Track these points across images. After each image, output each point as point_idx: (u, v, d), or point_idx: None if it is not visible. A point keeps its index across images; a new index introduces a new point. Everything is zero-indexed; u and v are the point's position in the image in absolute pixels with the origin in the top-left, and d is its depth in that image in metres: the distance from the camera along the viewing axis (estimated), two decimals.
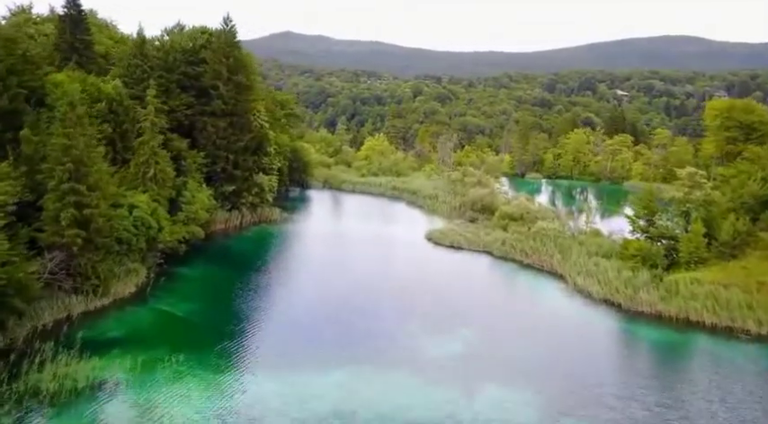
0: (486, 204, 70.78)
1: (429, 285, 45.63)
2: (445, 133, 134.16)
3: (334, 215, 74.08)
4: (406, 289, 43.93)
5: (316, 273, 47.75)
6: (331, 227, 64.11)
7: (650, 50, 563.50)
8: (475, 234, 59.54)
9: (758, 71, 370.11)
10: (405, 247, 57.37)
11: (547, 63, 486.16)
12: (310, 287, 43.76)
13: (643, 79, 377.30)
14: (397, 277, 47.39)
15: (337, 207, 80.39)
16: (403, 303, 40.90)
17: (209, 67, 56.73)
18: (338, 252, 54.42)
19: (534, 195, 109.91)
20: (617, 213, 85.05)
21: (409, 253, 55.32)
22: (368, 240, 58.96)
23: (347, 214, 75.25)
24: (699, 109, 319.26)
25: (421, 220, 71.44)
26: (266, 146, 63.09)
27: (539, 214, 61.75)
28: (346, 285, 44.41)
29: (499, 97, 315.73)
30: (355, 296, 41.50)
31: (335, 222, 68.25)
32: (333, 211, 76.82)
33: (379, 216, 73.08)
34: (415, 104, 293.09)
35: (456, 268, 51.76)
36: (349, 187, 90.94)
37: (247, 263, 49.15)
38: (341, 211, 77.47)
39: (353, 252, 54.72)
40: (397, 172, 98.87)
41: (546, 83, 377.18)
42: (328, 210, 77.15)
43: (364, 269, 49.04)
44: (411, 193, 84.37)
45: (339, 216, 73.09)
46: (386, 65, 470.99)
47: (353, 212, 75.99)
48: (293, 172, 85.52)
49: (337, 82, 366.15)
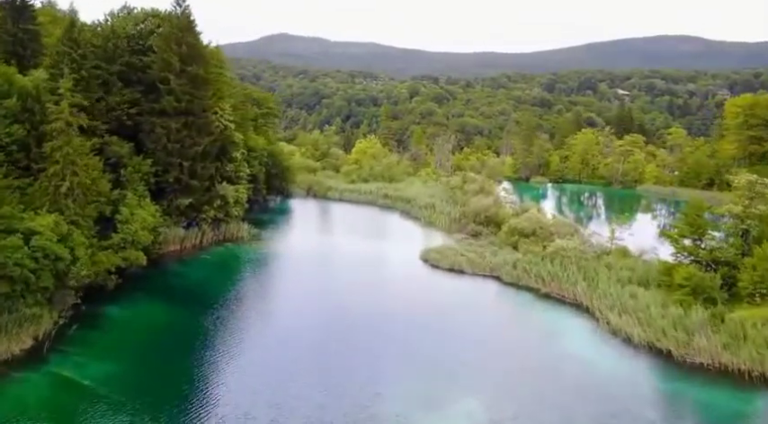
0: (490, 215, 61.22)
1: (425, 324, 35.91)
2: (443, 134, 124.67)
3: (316, 230, 63.92)
4: (397, 332, 34.31)
5: (286, 309, 38.15)
6: (310, 246, 54.28)
7: (648, 50, 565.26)
8: (479, 253, 49.90)
9: (760, 69, 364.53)
10: (397, 271, 47.71)
11: (544, 63, 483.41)
12: (278, 331, 34.15)
13: (644, 78, 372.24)
14: (385, 312, 37.77)
15: (320, 219, 70.62)
16: (392, 351, 31.33)
17: (158, 57, 47.03)
18: (316, 280, 44.70)
19: (540, 201, 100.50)
20: (637, 221, 76.11)
21: (402, 280, 45.67)
22: (353, 262, 49.29)
23: (331, 228, 65.44)
24: (703, 108, 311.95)
25: (416, 235, 61.84)
26: (231, 151, 53.41)
27: (554, 228, 52.12)
28: (323, 327, 34.71)
29: (497, 97, 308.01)
30: (332, 345, 31.83)
31: (316, 239, 58.22)
32: (314, 225, 66.74)
33: (368, 230, 63.38)
34: (411, 105, 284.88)
35: (458, 299, 42.01)
36: (335, 195, 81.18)
37: (200, 297, 39.42)
38: (324, 225, 67.58)
39: (334, 280, 45.02)
40: (390, 178, 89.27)
41: (545, 83, 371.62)
42: (309, 224, 67.04)
43: (347, 303, 39.30)
44: (405, 202, 74.72)
45: (321, 232, 63.09)
46: (382, 66, 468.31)
47: (338, 226, 66.35)
48: (272, 180, 75.81)
49: (332, 83, 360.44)
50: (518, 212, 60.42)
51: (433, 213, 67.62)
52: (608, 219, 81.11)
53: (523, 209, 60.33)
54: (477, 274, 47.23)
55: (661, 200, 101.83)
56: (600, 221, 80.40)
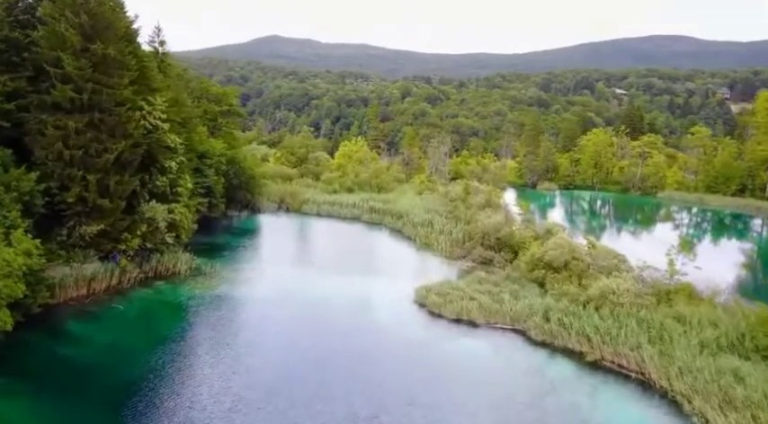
0: (503, 237, 48.29)
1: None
2: (437, 135, 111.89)
3: (281, 258, 49.02)
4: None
5: (225, 402, 24.88)
6: (269, 285, 40.87)
7: (641, 50, 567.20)
8: (494, 295, 36.91)
9: (758, 68, 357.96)
10: (383, 324, 34.47)
11: (538, 64, 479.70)
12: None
13: (641, 77, 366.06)
14: (368, 405, 24.67)
15: (289, 242, 56.70)
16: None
17: (48, 30, 33.74)
18: (271, 344, 31.37)
19: (549, 210, 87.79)
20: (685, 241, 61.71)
21: (391, 339, 32.40)
22: (324, 311, 36.00)
23: (301, 255, 51.25)
24: (704, 107, 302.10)
25: (409, 263, 48.85)
26: (162, 159, 40.16)
27: (592, 258, 39.16)
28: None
29: (493, 97, 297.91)
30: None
31: (279, 273, 44.26)
32: (280, 251, 52.10)
33: (349, 257, 50.00)
34: (403, 105, 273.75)
35: (471, 376, 28.75)
36: (312, 209, 67.80)
37: (103, 380, 26.07)
38: (293, 250, 53.22)
39: (297, 342, 31.74)
40: (379, 186, 76.25)
41: (541, 83, 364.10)
42: (274, 249, 52.77)
43: (312, 386, 26.09)
44: (396, 217, 61.64)
45: (287, 261, 48.44)
46: (374, 67, 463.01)
47: (311, 251, 52.81)
48: (234, 192, 62.71)
49: (322, 84, 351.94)
50: (539, 234, 47.49)
51: (431, 232, 54.62)
52: (641, 236, 68.66)
53: (547, 230, 47.38)
54: (493, 326, 34.28)
55: (690, 209, 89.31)
56: (634, 240, 67.59)
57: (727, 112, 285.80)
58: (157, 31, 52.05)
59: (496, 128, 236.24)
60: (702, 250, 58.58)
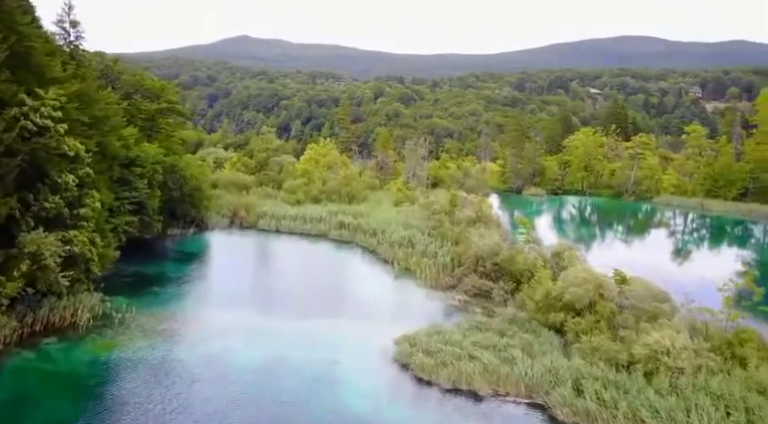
0: (502, 262, 39.05)
1: None
2: (412, 137, 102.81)
3: (224, 297, 37.82)
4: None
5: None
6: (202, 340, 30.41)
7: (612, 50, 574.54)
8: (501, 351, 27.57)
9: (728, 67, 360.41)
10: (353, 400, 24.61)
11: (511, 64, 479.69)
12: None
13: (614, 77, 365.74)
14: None
15: (237, 272, 45.38)
16: None
17: None
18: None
19: (534, 218, 79.15)
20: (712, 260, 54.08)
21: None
22: (273, 381, 26.00)
23: (249, 292, 39.64)
24: (679, 106, 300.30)
25: (386, 298, 39.17)
26: (53, 173, 29.77)
27: (628, 294, 29.95)
28: None
29: (467, 97, 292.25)
30: None
31: (218, 320, 33.41)
32: (224, 285, 40.84)
33: (310, 291, 39.86)
34: (376, 106, 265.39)
35: None
36: (271, 224, 57.52)
37: None
38: (240, 285, 41.06)
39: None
40: (350, 196, 66.48)
41: (515, 83, 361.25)
42: (217, 283, 41.87)
43: None
44: (369, 234, 51.90)
45: (231, 302, 37.42)
46: (346, 68, 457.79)
47: (263, 286, 41.77)
48: (175, 206, 52.32)
49: (292, 84, 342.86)
50: (546, 258, 38.34)
51: (411, 254, 45.06)
52: (648, 248, 60.14)
53: (555, 253, 38.27)
54: (503, 398, 24.95)
55: (692, 216, 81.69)
56: (642, 253, 58.83)
57: (702, 111, 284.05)
58: (67, 10, 41.44)
59: (471, 129, 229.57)
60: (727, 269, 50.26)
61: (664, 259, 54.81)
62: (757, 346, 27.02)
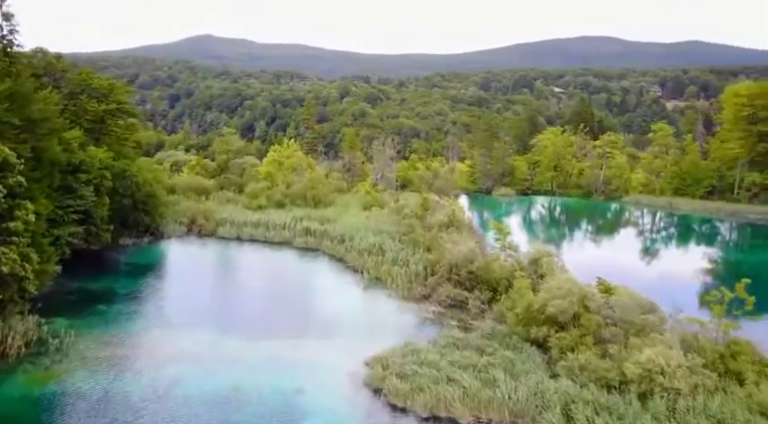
0: (477, 270, 36.90)
1: None
2: (379, 137, 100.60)
3: (177, 315, 34.53)
4: None
5: None
6: (151, 368, 27.16)
7: (573, 50, 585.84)
8: (481, 372, 25.30)
9: (686, 67, 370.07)
10: None
11: (475, 64, 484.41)
12: None
13: (577, 76, 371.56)
14: None
15: (194, 284, 41.43)
16: None
17: None
18: None
19: (505, 219, 77.86)
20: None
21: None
22: (229, 414, 23.23)
23: (205, 309, 36.08)
24: (640, 104, 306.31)
25: (355, 311, 36.47)
26: None
27: (614, 305, 27.99)
28: None
29: (433, 97, 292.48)
30: None
31: (170, 343, 29.87)
32: (178, 301, 37.71)
33: (272, 305, 36.89)
34: (342, 106, 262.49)
35: None
36: (232, 232, 54.17)
37: None
38: (195, 300, 37.75)
39: None
40: (316, 200, 63.60)
41: (480, 82, 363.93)
42: (170, 299, 38.34)
43: None
44: (337, 241, 49.15)
45: (185, 321, 33.35)
46: (311, 67, 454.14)
47: (221, 300, 38.04)
48: (127, 214, 48.65)
49: (256, 84, 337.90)
50: (523, 264, 36.33)
51: (382, 262, 42.55)
52: (619, 248, 58.97)
53: (533, 259, 36.30)
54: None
55: (660, 214, 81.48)
56: (613, 252, 58.07)
57: (663, 110, 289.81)
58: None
59: (438, 129, 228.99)
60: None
61: (632, 257, 54.33)
62: (751, 359, 25.43)
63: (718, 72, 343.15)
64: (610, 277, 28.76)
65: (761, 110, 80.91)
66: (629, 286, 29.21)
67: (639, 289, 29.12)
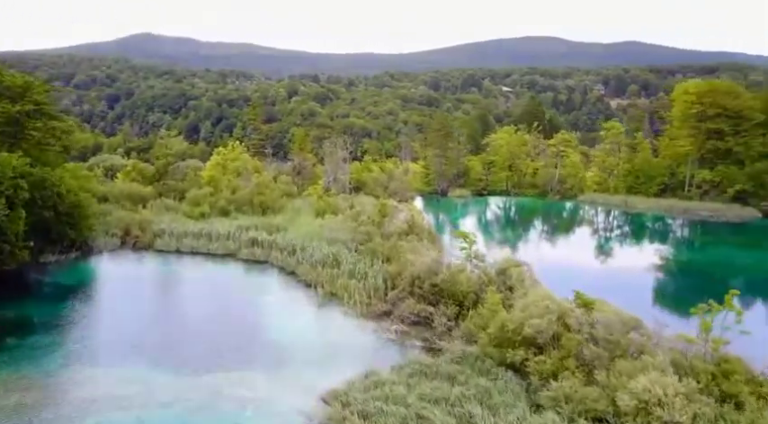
0: (442, 283, 33.89)
1: None
2: (331, 137, 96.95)
3: (101, 347, 29.90)
4: None
5: None
6: (65, 415, 22.88)
7: (517, 50, 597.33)
8: (454, 406, 22.21)
9: (626, 66, 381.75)
10: None
11: (423, 63, 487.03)
12: None
13: (524, 75, 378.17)
14: None
15: (126, 309, 35.40)
16: None
17: None
18: None
19: (460, 220, 75.91)
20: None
21: None
22: None
23: (135, 338, 30.84)
24: (585, 103, 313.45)
25: (308, 334, 32.66)
26: None
27: (594, 322, 25.44)
28: None
29: (383, 96, 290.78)
30: None
31: (89, 386, 25.38)
32: (103, 330, 32.85)
33: (214, 331, 32.60)
34: (290, 105, 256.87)
35: None
36: (171, 244, 49.37)
37: None
38: (127, 328, 32.43)
39: None
40: (264, 206, 59.36)
41: (429, 82, 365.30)
42: (94, 327, 33.33)
43: None
44: (288, 252, 45.22)
45: (112, 354, 28.17)
46: (259, 67, 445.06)
47: (154, 327, 32.85)
48: (50, 227, 43.30)
49: (201, 83, 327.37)
50: (491, 276, 33.55)
51: (338, 276, 39.01)
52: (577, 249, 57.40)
53: (501, 270, 33.59)
54: None
55: (614, 213, 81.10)
56: (570, 253, 56.70)
57: (608, 108, 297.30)
58: None
59: (389, 128, 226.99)
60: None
61: (586, 256, 54.24)
62: (744, 378, 23.32)
63: (657, 71, 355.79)
64: (565, 276, 26.77)
65: (709, 107, 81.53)
66: (584, 284, 27.49)
67: (593, 287, 27.43)
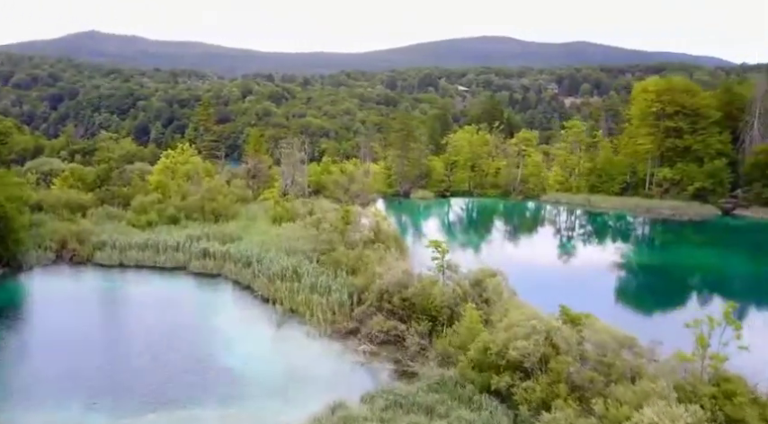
0: (413, 297, 31.17)
1: None
2: (287, 137, 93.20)
3: (30, 382, 25.69)
4: None
5: None
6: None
7: (474, 49, 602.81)
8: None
9: (578, 66, 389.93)
10: None
11: (380, 63, 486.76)
12: None
13: (479, 74, 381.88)
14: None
15: (58, 335, 31.06)
16: None
17: None
18: None
19: (423, 224, 73.78)
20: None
21: None
22: None
23: (72, 370, 26.95)
24: (540, 102, 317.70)
25: (266, 361, 29.23)
26: None
27: (584, 341, 23.17)
28: None
29: (340, 96, 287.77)
30: None
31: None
32: (33, 362, 28.82)
33: (161, 357, 28.89)
34: (245, 105, 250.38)
35: None
36: (113, 257, 44.95)
37: None
38: (58, 358, 28.45)
39: None
40: (216, 212, 55.35)
41: (386, 81, 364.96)
42: (23, 359, 29.24)
43: None
44: (243, 264, 41.62)
45: (39, 391, 24.56)
46: (211, 66, 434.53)
47: (93, 356, 28.62)
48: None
49: (150, 83, 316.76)
50: (466, 289, 31.01)
51: (299, 290, 35.74)
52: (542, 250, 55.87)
53: (476, 281, 31.11)
54: None
55: (577, 212, 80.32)
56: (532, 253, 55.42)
57: (562, 106, 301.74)
58: None
59: (347, 128, 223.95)
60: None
61: (549, 257, 54.31)
62: (748, 400, 21.43)
63: (608, 70, 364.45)
64: (528, 277, 25.08)
65: (668, 105, 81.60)
66: (546, 284, 25.89)
67: (556, 288, 25.99)
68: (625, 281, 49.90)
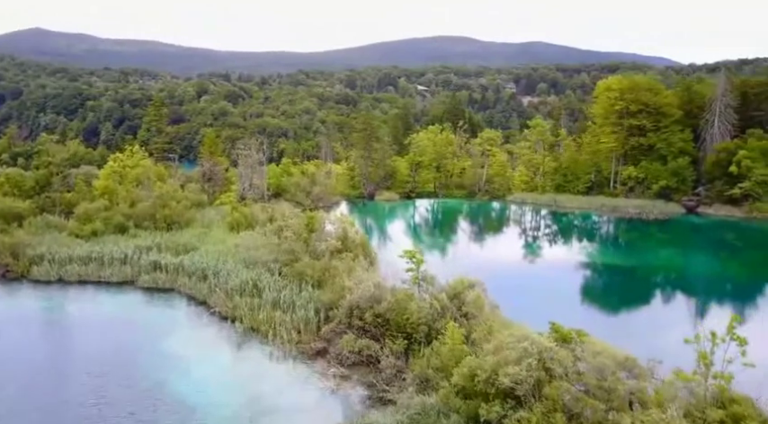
0: (387, 312, 28.54)
1: None
2: (244, 138, 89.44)
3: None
4: None
5: None
6: None
7: (431, 49, 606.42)
8: None
9: (534, 65, 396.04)
10: None
11: (338, 62, 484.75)
12: None
13: (438, 74, 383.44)
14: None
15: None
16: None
17: None
18: None
19: (387, 224, 71.53)
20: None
21: None
22: None
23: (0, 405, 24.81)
24: (499, 101, 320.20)
25: (225, 389, 26.14)
26: None
27: (578, 361, 21.04)
28: None
29: (299, 95, 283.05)
30: None
31: None
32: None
33: (104, 389, 25.53)
34: (200, 105, 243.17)
35: None
36: (52, 272, 40.73)
37: None
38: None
39: None
40: (168, 220, 51.41)
41: (345, 80, 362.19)
42: None
43: None
44: (198, 277, 38.15)
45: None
46: (165, 65, 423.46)
47: (26, 389, 25.39)
48: None
49: (100, 82, 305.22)
50: (444, 303, 28.55)
51: (260, 306, 32.62)
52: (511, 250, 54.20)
53: (456, 293, 28.71)
54: None
55: (543, 212, 79.33)
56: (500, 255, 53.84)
57: (520, 106, 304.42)
58: None
59: (307, 128, 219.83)
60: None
61: (516, 257, 54.11)
62: (757, 421, 19.65)
63: (563, 70, 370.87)
64: (494, 278, 23.22)
65: (631, 103, 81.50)
66: (512, 285, 24.38)
67: (521, 287, 24.38)
68: (591, 281, 49.92)
